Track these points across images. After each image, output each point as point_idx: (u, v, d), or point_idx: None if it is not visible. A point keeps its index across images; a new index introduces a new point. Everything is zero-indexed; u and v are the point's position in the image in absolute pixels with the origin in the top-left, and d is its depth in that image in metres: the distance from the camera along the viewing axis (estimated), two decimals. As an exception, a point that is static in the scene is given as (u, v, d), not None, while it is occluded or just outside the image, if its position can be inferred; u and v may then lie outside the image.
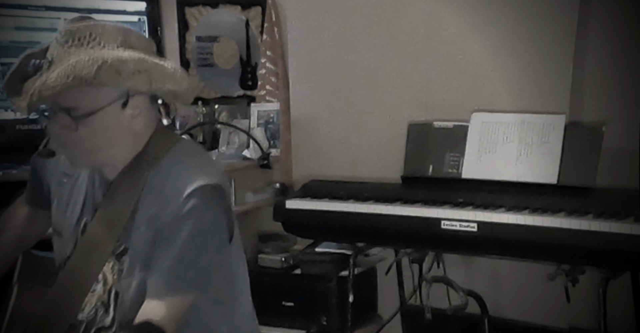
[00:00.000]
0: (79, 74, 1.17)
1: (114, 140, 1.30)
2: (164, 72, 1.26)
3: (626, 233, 1.84)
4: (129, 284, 1.31)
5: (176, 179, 1.31)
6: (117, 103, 1.25)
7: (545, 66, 2.29)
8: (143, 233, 1.31)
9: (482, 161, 2.27)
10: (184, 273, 1.28)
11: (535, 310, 2.36)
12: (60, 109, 1.23)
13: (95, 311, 1.35)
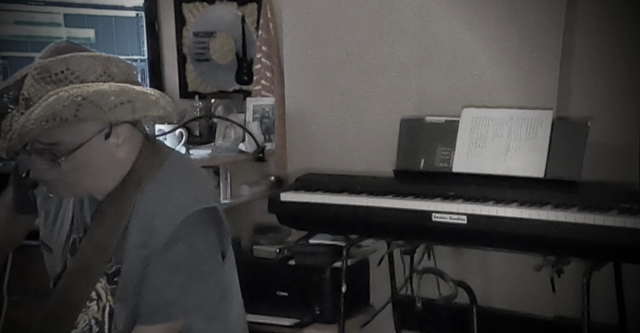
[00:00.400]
0: (59, 115, 1.13)
1: (98, 171, 1.26)
2: (147, 100, 1.23)
3: (609, 225, 1.88)
4: (121, 309, 1.30)
5: (167, 206, 1.27)
6: (100, 135, 1.21)
7: (533, 63, 2.31)
8: (135, 259, 1.29)
9: (472, 156, 2.29)
10: (175, 299, 1.27)
11: (522, 300, 2.39)
12: (41, 147, 1.19)
13: (89, 328, 1.34)
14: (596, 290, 1.99)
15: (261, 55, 2.82)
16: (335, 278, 2.40)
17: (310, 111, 2.74)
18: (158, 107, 1.24)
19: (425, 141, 2.38)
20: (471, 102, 2.34)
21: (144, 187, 1.29)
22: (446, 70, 2.48)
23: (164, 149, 1.38)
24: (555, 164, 2.15)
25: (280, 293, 2.46)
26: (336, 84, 2.67)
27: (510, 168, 2.21)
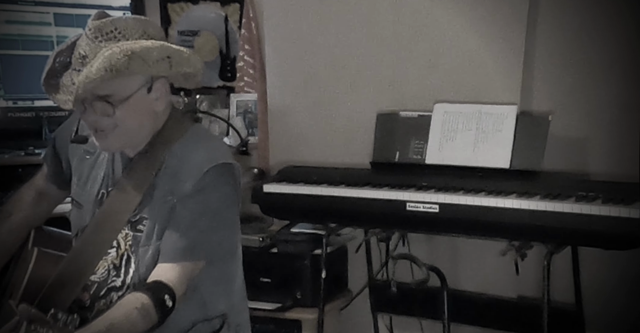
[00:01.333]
0: (115, 64, 1.26)
1: (142, 121, 1.39)
2: (182, 57, 1.36)
3: (568, 212, 1.96)
4: (146, 252, 1.39)
5: (194, 158, 1.40)
6: (144, 88, 1.36)
7: (499, 61, 2.39)
8: (161, 206, 1.39)
9: (444, 148, 2.34)
10: (198, 240, 1.37)
11: (488, 282, 2.47)
12: (97, 99, 1.32)
13: (107, 273, 1.43)
14: (555, 271, 2.08)
15: (244, 53, 2.85)
16: (315, 265, 2.46)
17: (291, 107, 2.79)
18: (190, 64, 1.38)
19: (400, 135, 2.43)
20: (442, 98, 2.39)
21: (171, 146, 1.42)
22: (419, 68, 2.53)
23: (188, 118, 1.52)
24: (519, 155, 2.21)
25: (264, 279, 2.50)
26: (315, 81, 2.72)
27: (478, 159, 2.27)
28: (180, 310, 1.35)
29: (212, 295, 1.47)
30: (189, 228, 1.37)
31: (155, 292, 1.30)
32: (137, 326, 1.28)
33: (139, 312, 1.27)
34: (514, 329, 2.42)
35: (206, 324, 1.45)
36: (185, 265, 1.36)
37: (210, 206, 1.38)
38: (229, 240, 1.47)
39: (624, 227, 1.89)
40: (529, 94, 2.39)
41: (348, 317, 2.73)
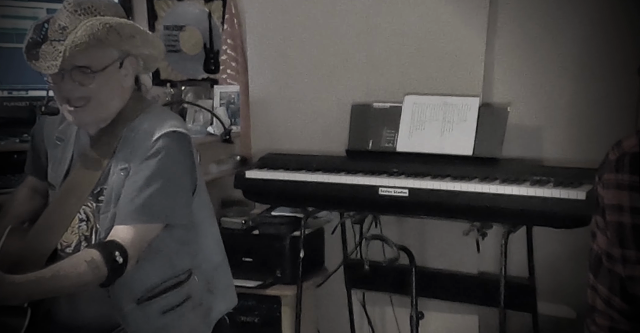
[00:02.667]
0: (96, 34, 1.34)
1: (112, 96, 1.45)
2: (148, 38, 1.46)
3: (523, 194, 2.06)
4: (106, 218, 1.43)
5: (147, 127, 1.45)
6: (117, 63, 1.43)
7: (463, 57, 2.48)
8: (117, 175, 1.43)
9: (413, 137, 2.40)
10: (150, 203, 1.39)
11: (452, 260, 2.57)
12: (76, 68, 1.39)
13: (79, 244, 1.47)
14: (511, 249, 2.19)
15: (227, 47, 2.88)
16: (294, 245, 2.51)
17: (271, 98, 2.83)
18: (154, 46, 1.47)
19: (373, 124, 2.49)
20: (412, 91, 2.45)
21: (131, 123, 1.47)
22: (391, 62, 2.60)
23: (147, 99, 1.59)
24: (481, 143, 2.29)
25: (246, 259, 2.54)
26: (294, 74, 2.77)
27: (444, 147, 2.35)
28: (147, 269, 1.43)
29: (177, 255, 1.51)
30: (141, 190, 1.38)
31: (106, 249, 1.33)
32: (83, 277, 1.30)
33: (88, 265, 1.30)
34: (474, 302, 2.54)
35: (174, 279, 1.51)
36: (138, 227, 1.38)
37: (162, 170, 1.40)
38: (182, 206, 1.46)
39: (572, 208, 1.98)
40: (490, 87, 2.48)
41: (324, 293, 2.80)
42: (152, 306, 1.48)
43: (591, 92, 2.36)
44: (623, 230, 1.10)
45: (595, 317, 1.18)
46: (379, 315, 2.83)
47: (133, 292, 1.45)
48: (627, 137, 1.12)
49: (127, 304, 1.46)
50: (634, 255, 1.08)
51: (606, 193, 1.12)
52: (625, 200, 1.09)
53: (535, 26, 2.41)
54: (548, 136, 2.43)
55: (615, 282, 1.14)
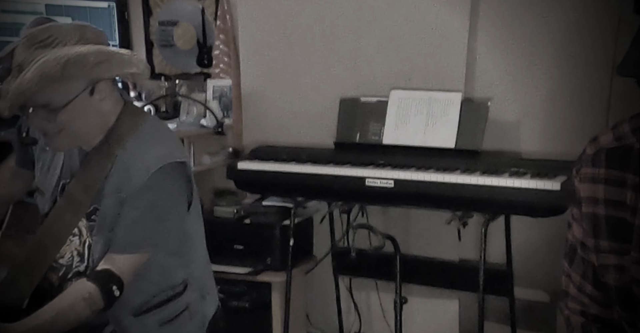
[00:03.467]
0: (48, 72, 1.21)
1: (88, 123, 1.35)
2: (122, 59, 1.32)
3: (503, 185, 2.07)
4: (98, 241, 1.39)
5: (144, 157, 1.35)
6: (86, 92, 1.30)
7: (445, 55, 2.48)
8: (111, 200, 1.37)
9: (398, 130, 2.41)
10: (144, 235, 1.36)
11: (434, 247, 2.58)
12: (38, 106, 1.28)
13: (72, 259, 1.43)
14: (490, 237, 2.20)
15: (219, 42, 2.89)
16: (284, 234, 2.53)
17: (262, 92, 2.82)
18: (131, 65, 1.33)
19: (360, 118, 2.49)
20: (398, 86, 2.47)
21: (124, 143, 1.38)
22: (377, 59, 2.60)
23: (142, 113, 1.47)
24: (463, 136, 2.30)
25: (237, 247, 2.56)
26: (285, 69, 2.76)
27: (428, 140, 2.36)
28: (143, 283, 1.40)
29: (171, 267, 1.47)
30: (137, 222, 1.35)
31: (104, 282, 1.31)
32: (82, 313, 1.30)
33: (85, 302, 1.29)
34: (455, 287, 2.57)
35: (169, 291, 1.48)
36: (132, 256, 1.36)
37: (157, 203, 1.36)
38: (177, 229, 1.44)
39: (548, 198, 1.99)
40: (471, 83, 2.48)
41: (313, 279, 2.82)
42: (150, 318, 1.46)
43: (566, 89, 2.37)
44: (597, 221, 1.10)
45: (568, 302, 1.20)
46: (364, 300, 2.84)
47: (130, 305, 1.43)
48: (603, 133, 1.13)
49: (125, 317, 1.44)
50: (606, 245, 1.10)
51: (582, 186, 1.13)
52: (601, 193, 1.10)
53: (514, 26, 2.42)
54: (526, 130, 2.45)
55: (588, 270, 1.15)
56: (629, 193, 1.06)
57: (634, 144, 1.07)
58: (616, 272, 1.09)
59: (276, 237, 2.56)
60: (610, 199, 1.08)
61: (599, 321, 1.15)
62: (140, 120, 1.42)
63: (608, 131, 1.12)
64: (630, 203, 1.06)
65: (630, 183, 1.06)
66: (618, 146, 1.09)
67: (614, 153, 1.08)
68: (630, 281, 1.07)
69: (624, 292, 1.09)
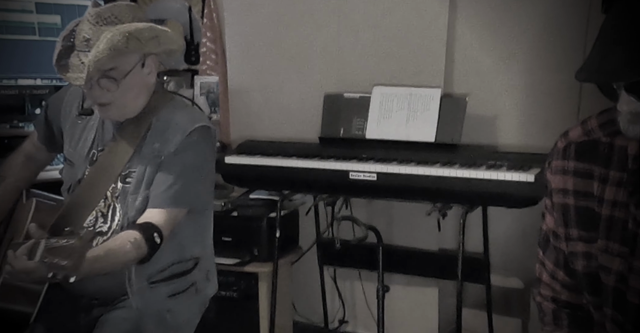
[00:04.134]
0: (116, 45, 1.35)
1: (138, 93, 1.50)
2: (167, 35, 1.46)
3: (480, 178, 2.09)
4: (135, 199, 1.49)
5: (179, 121, 1.49)
6: (139, 64, 1.46)
7: (426, 52, 2.49)
8: (149, 161, 1.48)
9: (381, 125, 2.42)
10: (182, 190, 1.46)
11: (415, 238, 2.60)
12: (103, 76, 1.42)
13: (95, 220, 1.52)
14: (469, 227, 2.23)
15: (206, 40, 2.88)
16: (270, 226, 2.52)
17: (249, 88, 2.82)
18: (174, 41, 1.48)
19: (344, 113, 2.50)
20: (380, 82, 2.47)
21: (158, 112, 1.51)
22: (360, 55, 2.60)
23: (170, 93, 1.64)
24: (443, 131, 2.32)
25: (225, 239, 2.53)
26: (270, 65, 2.76)
27: (409, 134, 2.37)
28: (161, 251, 1.46)
29: (189, 241, 1.56)
30: (176, 179, 1.45)
31: (146, 230, 1.41)
32: (129, 255, 1.38)
33: (132, 245, 1.38)
34: (435, 275, 2.59)
35: (181, 265, 1.56)
36: (171, 211, 1.46)
37: (193, 162, 1.47)
38: (206, 193, 1.57)
39: (523, 189, 2.01)
40: (450, 79, 2.49)
41: (298, 269, 2.83)
42: (160, 289, 1.53)
43: (539, 86, 2.40)
44: (567, 211, 1.13)
45: (540, 289, 1.23)
46: (348, 289, 2.86)
47: (147, 270, 1.50)
48: (572, 127, 1.16)
49: (139, 281, 1.51)
50: (575, 234, 1.13)
51: (554, 178, 1.15)
52: (570, 184, 1.12)
53: (490, 26, 2.44)
54: (502, 125, 2.47)
55: (560, 258, 1.18)
56: (596, 184, 1.09)
57: (600, 138, 1.10)
58: (584, 259, 1.12)
59: (263, 229, 2.56)
60: (579, 190, 1.11)
61: (569, 307, 1.18)
62: (170, 96, 1.58)
63: (577, 126, 1.15)
64: (597, 194, 1.09)
65: (597, 174, 1.09)
66: (586, 140, 1.12)
67: (583, 147, 1.11)
68: (597, 268, 1.10)
69: (591, 278, 1.12)
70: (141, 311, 1.52)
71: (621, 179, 1.06)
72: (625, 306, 1.08)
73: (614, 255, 1.07)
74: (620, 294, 1.07)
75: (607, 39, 0.93)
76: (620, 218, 1.06)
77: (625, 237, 1.06)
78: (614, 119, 1.04)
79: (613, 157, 1.07)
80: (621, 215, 1.06)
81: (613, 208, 1.07)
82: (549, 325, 1.20)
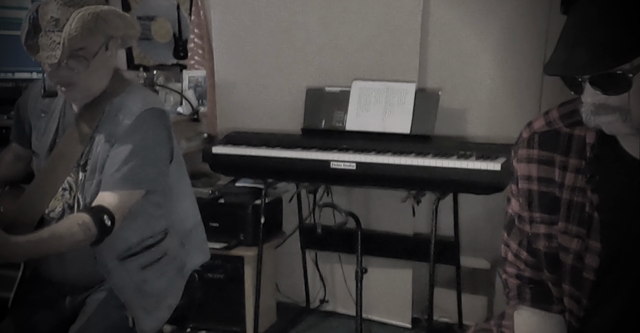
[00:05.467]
0: (87, 25, 1.34)
1: (102, 75, 1.47)
2: (127, 20, 1.45)
3: (451, 166, 2.11)
4: (91, 184, 1.44)
5: (130, 104, 1.45)
6: (104, 46, 1.43)
7: (401, 49, 2.51)
8: (102, 146, 1.43)
9: (360, 117, 2.43)
10: (132, 173, 1.41)
11: (392, 223, 2.63)
12: (72, 56, 1.38)
13: (63, 211, 1.47)
14: (440, 212, 2.25)
15: (194, 36, 2.87)
16: (255, 212, 2.53)
17: (235, 81, 2.81)
18: (133, 26, 1.47)
19: (325, 106, 2.50)
20: (359, 77, 2.48)
21: (112, 99, 1.47)
22: (340, 51, 2.61)
23: (127, 79, 1.57)
24: (417, 123, 2.34)
25: (213, 224, 2.52)
26: (255, 60, 2.76)
27: (386, 126, 2.38)
28: (128, 230, 1.44)
29: (153, 218, 1.52)
30: (125, 161, 1.40)
31: (96, 213, 1.35)
32: (76, 237, 1.31)
33: (80, 227, 1.32)
34: (409, 258, 2.62)
35: (150, 239, 1.53)
36: (122, 193, 1.39)
37: (143, 143, 1.41)
38: (161, 175, 1.48)
39: (490, 177, 2.05)
40: (424, 75, 2.52)
41: (282, 253, 2.83)
42: (132, 263, 1.50)
43: (506, 81, 2.43)
44: (531, 196, 1.15)
45: (506, 267, 1.25)
46: (329, 271, 2.88)
47: (115, 250, 1.47)
48: (536, 119, 1.18)
49: (110, 261, 1.48)
50: (538, 217, 1.15)
51: (519, 166, 1.17)
52: (534, 171, 1.14)
53: (461, 25, 2.46)
54: (471, 117, 2.49)
55: (524, 239, 1.20)
56: (557, 171, 1.12)
57: (561, 129, 1.13)
58: (546, 240, 1.15)
59: (248, 215, 2.57)
60: (542, 176, 1.14)
61: (531, 282, 1.21)
62: (127, 83, 1.52)
63: (540, 117, 1.17)
64: (558, 180, 1.12)
65: (558, 162, 1.12)
66: (548, 130, 1.14)
67: (545, 136, 1.14)
68: (557, 248, 1.14)
69: (551, 257, 1.15)
70: (119, 287, 1.49)
71: (580, 166, 1.09)
72: (581, 282, 1.11)
73: (572, 235, 1.10)
74: (577, 271, 1.11)
75: (572, 37, 0.95)
76: (578, 202, 1.09)
77: (582, 219, 1.09)
78: (575, 110, 1.07)
79: (572, 146, 1.10)
80: (579, 199, 1.09)
81: (572, 193, 1.10)
82: (513, 299, 1.23)
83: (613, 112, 0.97)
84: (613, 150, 1.06)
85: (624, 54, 0.91)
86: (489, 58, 2.45)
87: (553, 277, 1.16)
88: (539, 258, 1.18)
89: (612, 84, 0.94)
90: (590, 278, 1.09)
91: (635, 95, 0.94)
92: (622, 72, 0.93)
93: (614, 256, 1.07)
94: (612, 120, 0.98)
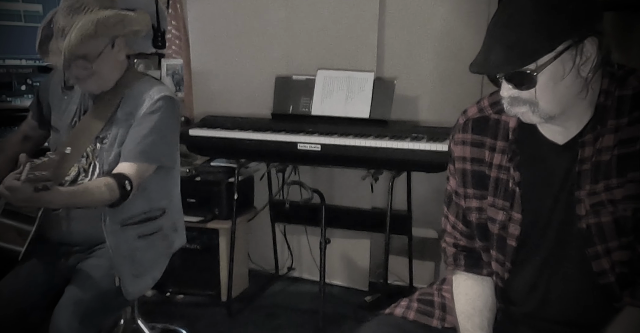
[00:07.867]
0: (85, 32, 1.39)
1: (111, 69, 1.53)
2: (131, 19, 1.50)
3: (406, 148, 2.16)
4: (109, 155, 1.53)
5: (149, 91, 1.53)
6: (109, 45, 1.49)
7: (361, 41, 2.52)
8: (122, 124, 1.52)
9: (324, 103, 2.44)
10: (149, 148, 1.50)
11: (352, 198, 2.66)
12: (78, 58, 1.44)
13: (77, 174, 1.54)
14: (396, 189, 2.29)
15: (171, 27, 2.84)
16: (229, 189, 2.54)
17: (210, 70, 2.80)
18: (138, 22, 1.52)
19: (293, 93, 2.49)
20: (323, 66, 2.49)
21: (131, 86, 1.55)
22: (306, 42, 2.61)
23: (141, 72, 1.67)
24: (375, 108, 2.36)
25: (190, 200, 2.52)
26: (228, 50, 2.74)
27: (348, 111, 2.40)
28: (134, 201, 1.49)
29: (156, 194, 1.59)
30: (145, 137, 1.49)
31: (119, 178, 1.44)
32: (104, 195, 1.40)
33: (106, 187, 1.41)
34: (368, 229, 2.67)
35: (150, 213, 1.59)
36: (140, 165, 1.49)
37: (159, 123, 1.50)
38: (171, 154, 1.58)
39: (439, 157, 2.08)
40: (381, 65, 2.53)
41: (253, 226, 2.85)
42: (131, 230, 1.56)
43: (451, 71, 2.45)
44: (465, 175, 1.20)
45: (445, 237, 1.31)
46: (296, 242, 2.90)
47: (120, 216, 1.53)
48: (470, 106, 1.23)
49: (114, 225, 1.53)
50: (471, 192, 1.21)
51: (455, 148, 1.22)
52: (468, 153, 1.19)
53: (413, 20, 2.48)
54: (422, 104, 2.52)
55: (459, 212, 1.25)
56: (487, 152, 1.18)
57: (491, 115, 1.18)
58: (477, 212, 1.20)
59: (223, 192, 2.57)
60: (474, 157, 1.19)
61: (465, 249, 1.27)
62: (141, 75, 1.61)
63: (474, 105, 1.22)
64: (487, 160, 1.17)
65: (487, 144, 1.17)
66: (480, 117, 1.19)
67: (477, 122, 1.19)
68: (486, 219, 1.19)
69: (481, 227, 1.21)
70: (114, 250, 1.53)
71: (505, 147, 1.15)
72: (505, 248, 1.17)
73: (499, 208, 1.16)
74: (502, 239, 1.17)
75: (491, 38, 1.00)
76: (503, 179, 1.15)
77: (507, 194, 1.14)
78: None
79: (500, 130, 1.15)
80: (504, 177, 1.15)
81: (498, 171, 1.15)
82: (450, 265, 1.28)
83: (524, 105, 1.02)
84: (532, 134, 1.12)
85: (529, 55, 0.97)
86: (437, 50, 2.47)
87: (483, 245, 1.22)
88: (472, 229, 1.23)
89: (521, 81, 1.00)
90: (512, 245, 1.15)
91: (541, 90, 1.00)
92: (529, 71, 0.97)
93: (531, 225, 1.13)
94: (525, 111, 1.03)
